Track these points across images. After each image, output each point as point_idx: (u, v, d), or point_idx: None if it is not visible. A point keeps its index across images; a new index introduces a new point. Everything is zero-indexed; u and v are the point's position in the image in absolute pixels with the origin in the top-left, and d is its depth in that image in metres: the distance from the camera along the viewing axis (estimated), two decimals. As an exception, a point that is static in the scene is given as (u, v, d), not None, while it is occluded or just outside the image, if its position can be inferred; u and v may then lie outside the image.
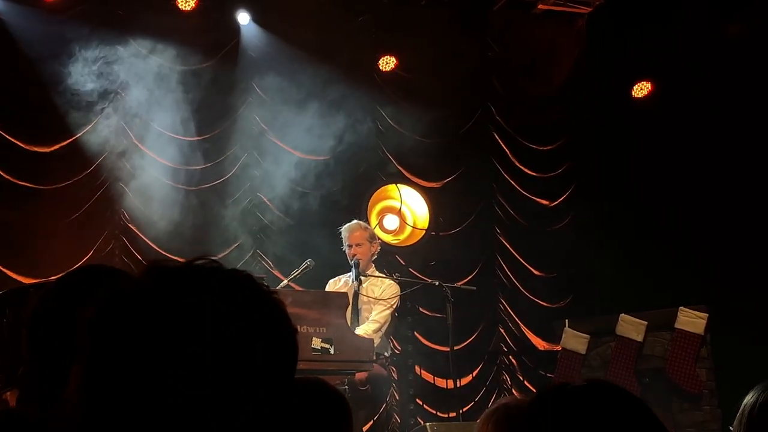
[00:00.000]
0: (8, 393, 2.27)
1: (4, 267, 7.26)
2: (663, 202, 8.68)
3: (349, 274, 6.43)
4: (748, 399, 2.29)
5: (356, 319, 6.11)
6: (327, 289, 6.42)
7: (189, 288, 1.01)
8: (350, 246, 6.32)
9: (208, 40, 8.17)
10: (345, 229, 6.41)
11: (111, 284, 1.04)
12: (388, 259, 8.51)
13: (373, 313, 6.21)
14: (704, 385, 7.38)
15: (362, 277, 6.29)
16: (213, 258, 1.07)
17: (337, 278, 6.47)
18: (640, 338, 7.68)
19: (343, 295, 5.99)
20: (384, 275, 6.63)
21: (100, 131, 7.67)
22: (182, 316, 0.98)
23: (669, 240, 8.35)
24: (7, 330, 2.87)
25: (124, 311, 1.00)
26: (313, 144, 8.21)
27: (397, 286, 6.42)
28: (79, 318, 1.01)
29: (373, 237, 6.48)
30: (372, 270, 6.41)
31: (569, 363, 7.93)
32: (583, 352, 7.94)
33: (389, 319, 6.27)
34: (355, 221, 6.52)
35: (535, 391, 8.55)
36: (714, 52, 8.59)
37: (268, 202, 8.13)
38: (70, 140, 7.63)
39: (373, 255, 6.42)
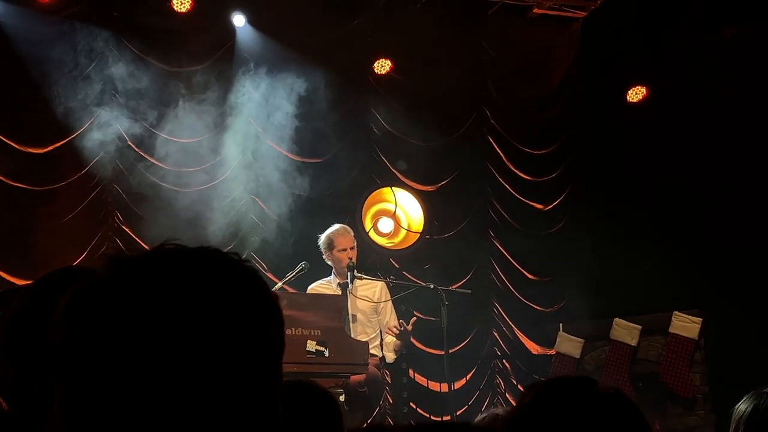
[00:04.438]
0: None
1: (-3, 268, 7.24)
2: (657, 207, 8.68)
3: (327, 279, 6.43)
4: (743, 406, 2.29)
5: (348, 322, 6.11)
6: None
7: (157, 275, 0.93)
8: (344, 250, 6.31)
9: (203, 42, 8.16)
10: (334, 234, 6.38)
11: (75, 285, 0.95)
12: (383, 262, 8.52)
13: (392, 320, 6.36)
14: (698, 390, 7.39)
15: (356, 279, 6.30)
16: (178, 242, 0.99)
17: (316, 285, 6.44)
18: (634, 342, 7.69)
19: (338, 298, 6.01)
20: (370, 277, 6.65)
21: (94, 132, 7.64)
22: (158, 307, 0.91)
23: (663, 244, 8.35)
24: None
25: (94, 314, 0.92)
26: (307, 146, 8.21)
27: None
28: (47, 327, 0.95)
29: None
30: (355, 272, 6.41)
31: (563, 367, 7.93)
32: (577, 356, 7.95)
33: None
34: (340, 226, 6.51)
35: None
36: (708, 57, 8.61)
37: (262, 205, 8.12)
38: (64, 141, 7.61)
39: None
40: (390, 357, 6.36)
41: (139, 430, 0.90)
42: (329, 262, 6.41)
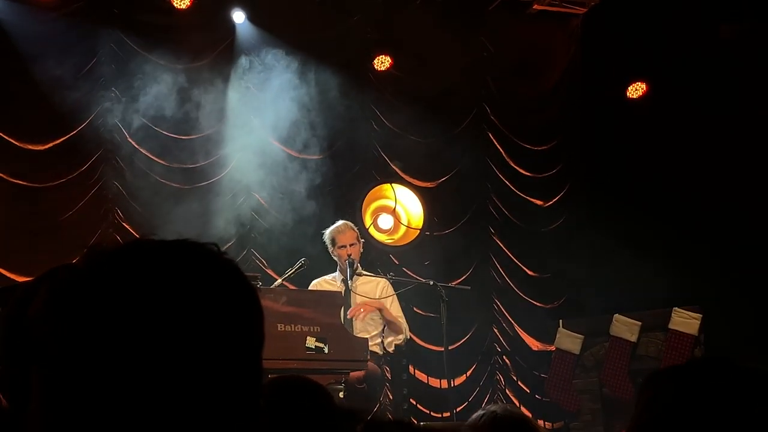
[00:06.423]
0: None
1: (-2, 265, 7.24)
2: (657, 203, 8.69)
3: (332, 275, 6.44)
4: None
5: (348, 319, 6.11)
6: None
7: (133, 268, 0.91)
8: (343, 246, 6.31)
9: (202, 39, 8.16)
10: (334, 231, 6.38)
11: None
12: (383, 259, 8.52)
13: (394, 313, 6.35)
14: (698, 386, 7.38)
15: (356, 276, 6.30)
16: (155, 236, 0.98)
17: (321, 280, 6.45)
18: (634, 338, 7.69)
19: (338, 295, 6.00)
20: (373, 274, 6.65)
21: (94, 129, 7.65)
22: (134, 300, 0.89)
23: (663, 240, 8.36)
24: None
25: (69, 309, 0.90)
26: (307, 143, 8.21)
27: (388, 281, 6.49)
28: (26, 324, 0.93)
29: (360, 235, 6.49)
30: (360, 269, 6.41)
31: (563, 363, 7.94)
32: (577, 353, 7.96)
33: None
34: (342, 222, 6.50)
35: (528, 391, 8.60)
36: (707, 53, 8.61)
37: (262, 201, 8.12)
38: (63, 138, 7.61)
39: (361, 254, 6.44)
40: (387, 342, 6.39)
41: (113, 427, 0.88)
42: (335, 258, 6.43)
